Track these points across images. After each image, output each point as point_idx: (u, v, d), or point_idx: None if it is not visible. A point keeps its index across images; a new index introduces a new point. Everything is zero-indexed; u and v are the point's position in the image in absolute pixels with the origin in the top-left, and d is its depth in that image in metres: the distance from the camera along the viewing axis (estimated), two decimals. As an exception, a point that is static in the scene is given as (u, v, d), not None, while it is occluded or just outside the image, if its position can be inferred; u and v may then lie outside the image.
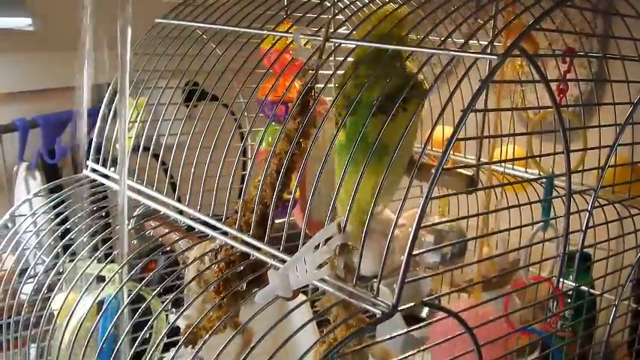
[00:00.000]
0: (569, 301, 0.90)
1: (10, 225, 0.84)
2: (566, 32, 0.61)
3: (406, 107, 0.60)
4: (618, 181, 0.81)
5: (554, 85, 0.79)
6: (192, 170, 0.69)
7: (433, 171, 0.50)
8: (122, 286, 0.64)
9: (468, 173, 0.67)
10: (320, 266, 0.52)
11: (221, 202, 0.68)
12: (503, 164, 0.98)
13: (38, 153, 1.28)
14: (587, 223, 0.69)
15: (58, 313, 0.72)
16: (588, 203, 0.71)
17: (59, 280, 0.73)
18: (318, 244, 0.53)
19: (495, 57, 0.51)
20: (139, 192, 0.76)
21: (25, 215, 0.82)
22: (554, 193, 0.74)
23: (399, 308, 0.50)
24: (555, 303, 0.83)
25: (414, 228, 0.49)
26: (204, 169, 0.68)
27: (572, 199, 0.81)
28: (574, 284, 0.79)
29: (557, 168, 0.80)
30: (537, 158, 0.92)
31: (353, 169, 0.57)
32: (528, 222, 0.74)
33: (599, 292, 0.91)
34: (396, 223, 0.54)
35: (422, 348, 0.65)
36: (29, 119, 1.28)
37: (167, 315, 0.94)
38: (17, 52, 1.30)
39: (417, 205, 1.23)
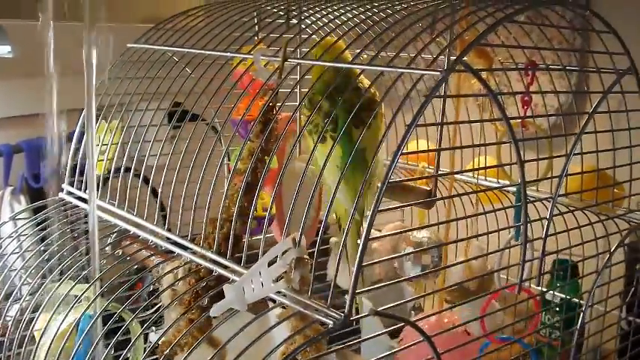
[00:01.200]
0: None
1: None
2: (509, 47, 0.62)
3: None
4: (587, 190, 0.83)
5: (518, 98, 0.81)
6: (160, 190, 0.70)
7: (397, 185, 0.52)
8: (90, 305, 0.65)
9: (426, 188, 0.68)
10: (277, 280, 0.54)
11: (196, 222, 0.70)
12: (475, 176, 1.00)
13: (23, 177, 1.30)
14: (546, 230, 0.70)
15: (42, 334, 0.74)
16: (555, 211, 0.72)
17: (40, 301, 0.75)
18: (275, 258, 0.54)
19: (439, 72, 0.53)
20: (113, 213, 0.78)
21: (8, 238, 0.84)
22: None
23: (352, 318, 0.51)
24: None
25: (362, 239, 0.51)
26: (171, 189, 0.70)
27: (549, 207, 0.83)
28: (542, 289, 0.81)
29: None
30: (507, 170, 0.95)
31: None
32: (503, 233, 0.76)
33: (572, 299, 0.93)
34: (367, 236, 0.54)
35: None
36: (13, 144, 1.30)
37: (147, 334, 0.95)
38: (1, 79, 1.33)
39: (397, 219, 1.25)
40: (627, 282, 0.91)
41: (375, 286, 0.53)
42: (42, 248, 0.78)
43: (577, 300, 0.94)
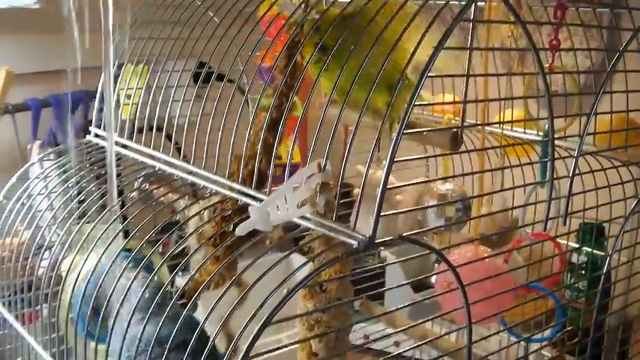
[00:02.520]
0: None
1: (25, 201, 0.87)
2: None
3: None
4: (615, 134, 0.82)
5: (546, 43, 0.80)
6: (185, 125, 0.71)
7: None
8: (110, 242, 0.66)
9: (452, 129, 0.68)
10: (301, 204, 0.54)
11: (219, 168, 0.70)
12: (501, 126, 0.99)
13: (50, 131, 1.32)
14: (573, 169, 0.69)
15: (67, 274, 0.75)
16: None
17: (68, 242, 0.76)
18: (300, 183, 0.54)
19: (465, -3, 0.53)
20: (138, 151, 0.79)
21: (37, 184, 0.85)
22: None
23: (376, 241, 0.51)
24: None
25: (385, 166, 0.51)
26: (197, 127, 0.71)
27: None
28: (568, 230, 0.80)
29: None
30: (534, 117, 0.94)
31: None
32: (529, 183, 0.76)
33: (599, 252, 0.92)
34: (385, 182, 0.52)
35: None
36: (41, 99, 1.32)
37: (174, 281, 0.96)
38: (29, 35, 1.34)
39: (422, 175, 1.24)
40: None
41: (399, 211, 0.53)
42: (69, 185, 0.79)
43: (602, 253, 0.94)
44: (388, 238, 0.53)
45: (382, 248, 1.36)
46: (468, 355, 0.60)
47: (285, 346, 0.49)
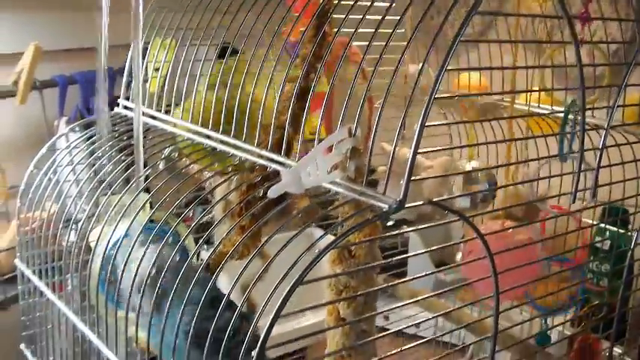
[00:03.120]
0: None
1: (52, 174, 0.88)
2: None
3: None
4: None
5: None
6: (214, 98, 0.71)
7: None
8: (138, 212, 0.66)
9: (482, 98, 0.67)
10: (332, 169, 0.55)
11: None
12: (528, 103, 0.99)
13: (77, 108, 1.33)
14: (604, 141, 0.69)
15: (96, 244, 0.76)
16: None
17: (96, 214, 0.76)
18: (330, 147, 0.55)
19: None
20: (167, 122, 0.79)
21: (64, 156, 0.86)
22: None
23: (406, 206, 0.52)
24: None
25: (417, 131, 0.51)
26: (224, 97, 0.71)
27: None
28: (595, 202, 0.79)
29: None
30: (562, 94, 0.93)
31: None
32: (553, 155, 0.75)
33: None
34: (416, 146, 0.52)
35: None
36: (68, 75, 1.33)
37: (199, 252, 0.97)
38: (57, 12, 1.35)
39: (447, 153, 1.23)
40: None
41: (429, 176, 0.53)
42: (98, 156, 0.80)
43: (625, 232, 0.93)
44: (418, 203, 0.53)
45: (405, 227, 1.36)
46: (495, 323, 0.60)
47: (314, 307, 0.49)
